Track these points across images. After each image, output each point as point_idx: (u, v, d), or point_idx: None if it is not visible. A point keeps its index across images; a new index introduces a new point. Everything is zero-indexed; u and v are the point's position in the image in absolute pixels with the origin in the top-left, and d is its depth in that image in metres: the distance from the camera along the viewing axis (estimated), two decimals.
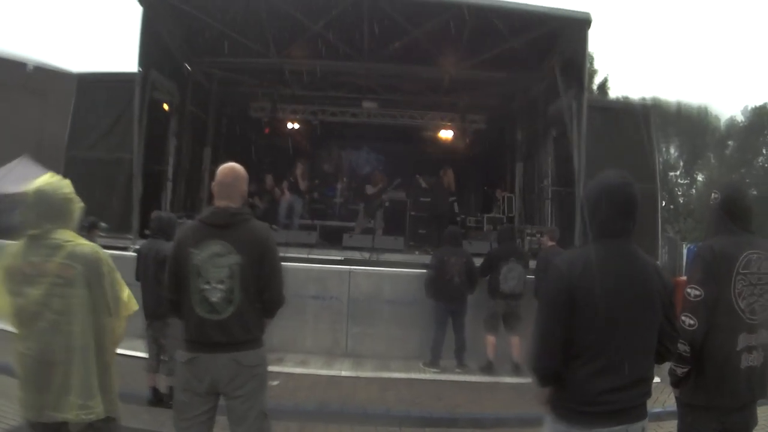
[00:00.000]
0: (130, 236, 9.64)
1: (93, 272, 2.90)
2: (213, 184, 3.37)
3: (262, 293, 3.24)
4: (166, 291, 3.28)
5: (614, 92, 26.14)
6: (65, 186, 3.06)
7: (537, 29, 10.32)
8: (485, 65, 11.79)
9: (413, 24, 10.38)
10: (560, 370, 2.50)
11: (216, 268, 3.11)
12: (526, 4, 9.92)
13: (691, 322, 2.88)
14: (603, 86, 26.04)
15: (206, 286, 3.10)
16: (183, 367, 3.20)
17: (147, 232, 9.26)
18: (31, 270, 2.85)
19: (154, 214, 6.70)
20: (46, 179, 3.05)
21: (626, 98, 22.06)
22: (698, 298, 2.89)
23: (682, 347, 2.90)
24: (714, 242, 3.01)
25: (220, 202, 3.28)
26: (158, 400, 5.81)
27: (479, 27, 10.33)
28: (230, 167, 3.40)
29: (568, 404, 2.50)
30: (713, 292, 2.89)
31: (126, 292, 3.07)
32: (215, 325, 3.10)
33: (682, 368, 2.97)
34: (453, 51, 11.32)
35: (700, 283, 2.91)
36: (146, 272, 5.82)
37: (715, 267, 2.91)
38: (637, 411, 2.49)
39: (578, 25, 9.86)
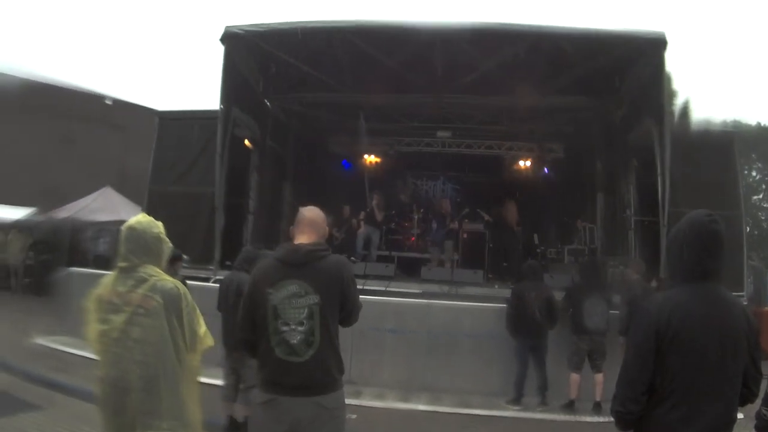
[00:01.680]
0: (212, 267, 9.96)
1: (172, 306, 3.10)
2: (291, 227, 3.41)
3: (342, 322, 3.24)
4: (239, 331, 3.27)
5: (695, 113, 25.26)
6: (156, 226, 3.33)
7: (611, 53, 10.07)
8: (560, 92, 11.63)
9: (486, 55, 10.39)
10: (642, 414, 2.48)
11: (294, 309, 3.06)
12: (598, 29, 9.79)
13: None
14: (685, 108, 25.14)
15: (285, 328, 3.05)
16: (260, 409, 3.15)
17: (228, 263, 9.60)
18: (117, 299, 3.10)
19: (245, 248, 6.93)
20: (139, 218, 3.35)
21: (708, 121, 21.13)
22: None
23: None
24: None
25: (298, 240, 3.28)
26: (235, 428, 5.93)
27: (552, 54, 10.21)
28: (309, 209, 3.44)
29: None
30: None
31: (203, 328, 3.24)
32: (296, 367, 3.05)
33: None
34: (526, 79, 11.20)
35: None
36: (227, 303, 5.99)
37: None
38: None
39: (653, 47, 9.55)
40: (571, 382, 7.59)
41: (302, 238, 3.28)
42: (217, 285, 6.69)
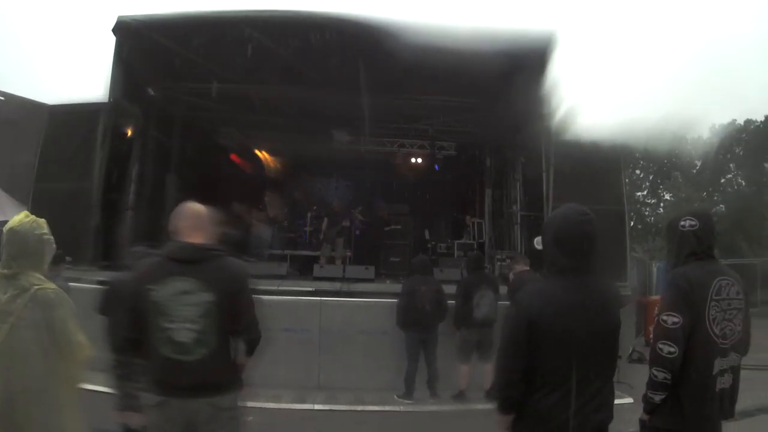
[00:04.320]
0: (86, 267, 9.38)
1: (51, 316, 2.97)
2: (173, 222, 3.21)
3: (238, 332, 3.12)
4: (123, 330, 3.16)
5: (582, 115, 26.17)
6: (39, 226, 3.13)
7: (499, 52, 9.90)
8: (452, 92, 11.80)
9: (381, 53, 10.36)
10: (521, 399, 2.59)
11: (183, 306, 2.95)
12: (485, 27, 9.82)
13: (671, 349, 2.91)
14: (573, 109, 25.99)
15: (171, 325, 2.94)
16: (152, 411, 3.06)
17: (104, 263, 9.11)
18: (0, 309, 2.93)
19: (136, 247, 6.55)
20: (21, 218, 3.11)
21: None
22: (676, 325, 2.92)
23: (661, 375, 2.94)
24: (688, 270, 3.05)
25: (186, 238, 3.13)
26: None
27: (445, 54, 10.23)
28: (193, 206, 3.27)
29: None
30: (690, 318, 2.93)
31: (79, 336, 3.08)
32: (187, 367, 2.95)
33: (660, 395, 2.99)
34: (421, 79, 11.30)
35: (677, 310, 2.94)
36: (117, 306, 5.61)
37: (691, 294, 2.96)
38: None
39: (541, 47, 9.81)
40: (460, 372, 7.77)
41: (192, 237, 3.13)
42: (93, 286, 6.30)
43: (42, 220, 3.17)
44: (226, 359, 3.09)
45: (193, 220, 3.19)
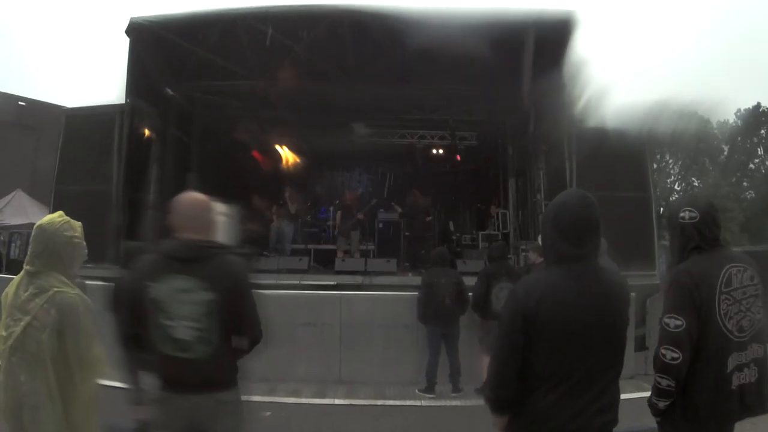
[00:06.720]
0: (107, 266, 9.43)
1: (67, 323, 2.87)
2: (171, 215, 3.05)
3: (240, 332, 3.02)
4: (123, 326, 3.14)
5: (612, 98, 25.60)
6: (70, 229, 3.06)
7: (517, 37, 9.84)
8: (471, 80, 11.57)
9: (396, 42, 10.21)
10: (516, 399, 2.41)
11: (182, 305, 2.85)
12: (499, 10, 9.62)
13: (674, 355, 2.69)
14: (600, 93, 25.48)
15: (170, 323, 2.85)
16: (156, 407, 3.02)
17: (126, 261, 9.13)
18: (18, 304, 2.89)
19: (128, 244, 6.54)
20: (53, 218, 3.06)
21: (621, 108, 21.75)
22: (679, 329, 2.70)
23: (665, 382, 2.73)
24: (690, 265, 2.84)
25: (184, 234, 2.99)
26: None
27: (461, 40, 10.00)
28: (193, 197, 3.13)
29: None
30: (697, 319, 2.71)
31: (95, 351, 3.01)
32: (188, 364, 2.87)
33: (665, 402, 2.80)
34: (438, 67, 11.12)
35: (680, 312, 2.73)
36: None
37: (696, 292, 2.73)
38: None
39: (560, 27, 9.54)
40: (483, 366, 7.57)
41: (192, 233, 2.99)
42: (108, 284, 6.30)
43: (77, 223, 3.12)
44: (228, 357, 3.01)
45: (192, 214, 3.06)
